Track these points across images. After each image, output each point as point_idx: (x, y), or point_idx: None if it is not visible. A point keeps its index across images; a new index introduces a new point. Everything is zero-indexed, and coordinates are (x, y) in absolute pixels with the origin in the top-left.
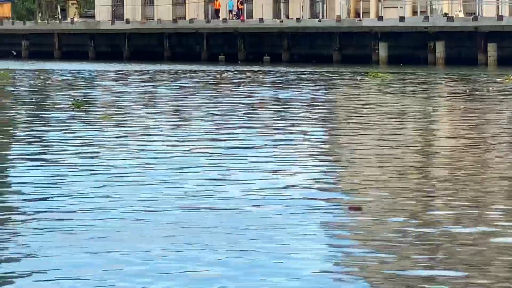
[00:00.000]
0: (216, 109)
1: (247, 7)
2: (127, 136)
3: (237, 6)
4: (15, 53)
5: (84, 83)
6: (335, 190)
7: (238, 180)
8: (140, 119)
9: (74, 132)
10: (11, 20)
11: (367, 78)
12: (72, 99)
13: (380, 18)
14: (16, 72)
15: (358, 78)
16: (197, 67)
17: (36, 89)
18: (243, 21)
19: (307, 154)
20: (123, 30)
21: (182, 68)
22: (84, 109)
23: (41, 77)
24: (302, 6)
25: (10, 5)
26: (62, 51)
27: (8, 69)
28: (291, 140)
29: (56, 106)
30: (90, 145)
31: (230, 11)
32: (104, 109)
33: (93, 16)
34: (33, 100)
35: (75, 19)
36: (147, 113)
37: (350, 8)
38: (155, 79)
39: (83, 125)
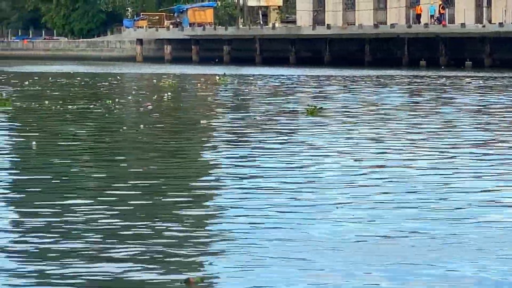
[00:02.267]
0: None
1: (448, 11)
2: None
3: (439, 11)
4: (217, 60)
5: (301, 89)
6: None
7: None
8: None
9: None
10: (213, 26)
11: None
12: (308, 105)
13: None
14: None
15: None
16: (397, 72)
17: (260, 94)
18: (445, 26)
19: None
20: (324, 35)
21: (384, 73)
22: (319, 116)
23: (259, 82)
24: (505, 10)
25: (212, 11)
26: (263, 56)
27: (225, 74)
28: None
29: (288, 112)
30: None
31: (432, 16)
32: (340, 115)
33: (294, 21)
34: (264, 106)
35: (276, 25)
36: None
37: None
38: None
39: (332, 134)
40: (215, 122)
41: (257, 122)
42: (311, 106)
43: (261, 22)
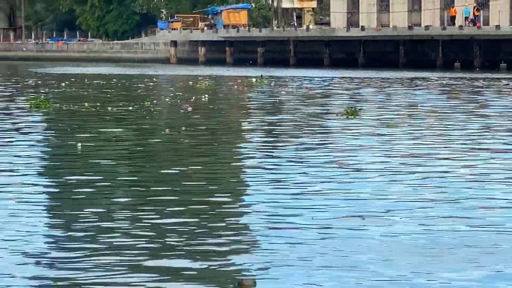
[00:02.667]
0: None
1: (483, 13)
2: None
3: (473, 13)
4: (251, 62)
5: (336, 91)
6: None
7: None
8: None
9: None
10: (247, 28)
11: None
12: (347, 106)
13: None
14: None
15: None
16: (432, 74)
17: (297, 96)
18: (479, 28)
19: None
20: (358, 37)
21: (419, 75)
22: (357, 117)
23: (294, 84)
24: None
25: (246, 12)
26: (297, 58)
27: (262, 76)
28: None
29: (327, 113)
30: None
31: (466, 18)
32: (379, 117)
33: (328, 23)
34: (302, 107)
35: (311, 26)
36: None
37: None
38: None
39: (373, 135)
40: (256, 124)
41: (298, 124)
42: (350, 107)
43: (295, 24)
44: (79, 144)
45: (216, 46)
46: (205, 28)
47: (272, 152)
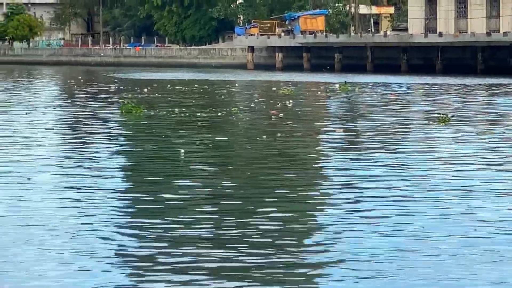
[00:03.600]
0: None
1: None
2: None
3: None
4: (328, 67)
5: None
6: None
7: None
8: None
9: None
10: (324, 33)
11: None
12: (439, 114)
13: None
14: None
15: None
16: (511, 80)
17: (383, 102)
18: None
19: None
20: (436, 43)
21: (498, 81)
22: (450, 124)
23: (378, 90)
24: None
25: (324, 18)
26: (374, 64)
27: (346, 82)
28: None
29: (418, 120)
30: None
31: None
32: (471, 123)
33: (405, 29)
34: (390, 114)
35: (388, 32)
36: None
37: None
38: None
39: (470, 142)
40: (348, 130)
41: (391, 131)
42: (442, 114)
43: (373, 30)
44: (182, 151)
45: (293, 52)
46: (282, 34)
47: (368, 157)
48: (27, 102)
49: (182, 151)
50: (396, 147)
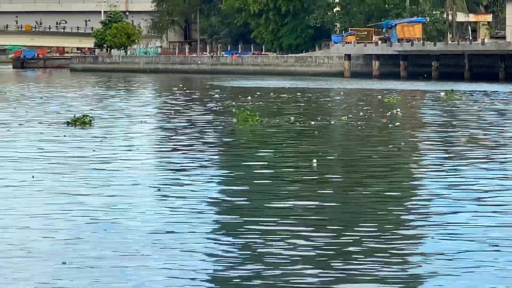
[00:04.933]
0: None
1: None
2: None
3: None
4: (425, 75)
5: None
6: None
7: None
8: None
9: None
10: (421, 41)
11: None
12: None
13: None
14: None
15: None
16: None
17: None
18: None
19: None
20: None
21: None
22: None
23: (485, 98)
24: None
25: (421, 26)
26: (472, 72)
27: (452, 90)
28: None
29: None
30: None
31: None
32: None
33: (503, 37)
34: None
35: (486, 40)
36: None
37: None
38: None
39: None
40: (471, 139)
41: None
42: None
43: (470, 38)
44: (315, 161)
45: (389, 60)
46: (379, 41)
47: (495, 166)
48: (139, 110)
49: (315, 161)
50: None
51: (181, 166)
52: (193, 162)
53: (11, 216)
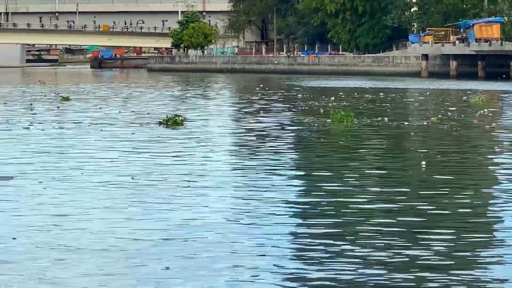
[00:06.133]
0: None
1: None
2: None
3: None
4: (504, 76)
5: None
6: None
7: None
8: None
9: None
10: (499, 41)
11: None
12: None
13: None
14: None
15: None
16: None
17: None
18: None
19: None
20: None
21: None
22: None
23: None
24: None
25: (499, 26)
26: None
27: None
28: None
29: None
30: None
31: None
32: None
33: None
34: None
35: None
36: None
37: None
38: None
39: None
40: None
41: None
42: None
43: None
44: (424, 162)
45: (467, 60)
46: (457, 41)
47: None
48: (225, 110)
49: (424, 163)
50: None
51: (281, 167)
52: (295, 163)
53: (110, 217)
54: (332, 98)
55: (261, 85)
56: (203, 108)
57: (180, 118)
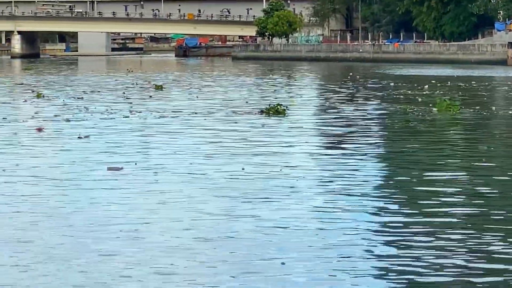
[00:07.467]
0: None
1: None
2: None
3: None
4: None
5: None
6: None
7: None
8: None
9: None
10: None
11: None
12: None
13: None
14: None
15: None
16: None
17: None
18: None
19: None
20: None
21: None
22: None
23: None
24: None
25: None
26: None
27: None
28: None
29: None
30: None
31: None
32: None
33: None
34: None
35: None
36: None
37: None
38: None
39: None
40: None
41: None
42: None
43: None
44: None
45: None
46: None
47: None
48: (322, 98)
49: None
50: None
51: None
52: (409, 152)
53: (215, 210)
54: (426, 86)
55: (351, 74)
56: (299, 97)
57: (282, 107)
